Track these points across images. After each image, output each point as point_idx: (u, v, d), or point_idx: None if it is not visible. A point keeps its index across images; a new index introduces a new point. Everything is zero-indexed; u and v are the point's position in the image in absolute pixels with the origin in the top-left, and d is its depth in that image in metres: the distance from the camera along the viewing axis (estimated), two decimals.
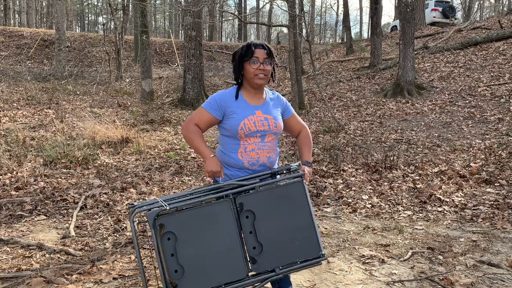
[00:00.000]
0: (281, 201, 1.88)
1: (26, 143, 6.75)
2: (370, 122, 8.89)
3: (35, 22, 35.73)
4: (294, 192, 1.91)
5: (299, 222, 1.89)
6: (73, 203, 4.51)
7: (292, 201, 1.90)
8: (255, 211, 1.85)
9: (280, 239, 1.86)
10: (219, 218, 1.82)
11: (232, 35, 52.39)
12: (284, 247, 1.86)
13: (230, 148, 2.09)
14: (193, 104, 11.59)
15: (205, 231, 1.80)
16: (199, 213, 1.81)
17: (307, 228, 1.89)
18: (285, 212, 1.88)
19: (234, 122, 2.04)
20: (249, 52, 2.05)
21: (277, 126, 2.12)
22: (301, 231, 1.88)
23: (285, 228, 1.87)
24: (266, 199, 1.87)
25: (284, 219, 1.88)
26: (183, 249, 1.77)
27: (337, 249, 3.41)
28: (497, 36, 13.09)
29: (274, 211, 1.87)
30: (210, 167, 2.01)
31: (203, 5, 11.51)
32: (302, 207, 1.91)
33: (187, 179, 5.50)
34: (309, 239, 1.89)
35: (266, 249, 1.84)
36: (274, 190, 1.90)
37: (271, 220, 1.86)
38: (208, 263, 1.78)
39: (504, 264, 3.00)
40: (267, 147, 2.09)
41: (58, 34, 15.39)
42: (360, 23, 39.81)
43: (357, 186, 5.06)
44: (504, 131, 7.04)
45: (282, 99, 2.26)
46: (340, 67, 15.73)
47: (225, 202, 1.85)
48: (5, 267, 3.01)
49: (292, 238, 1.87)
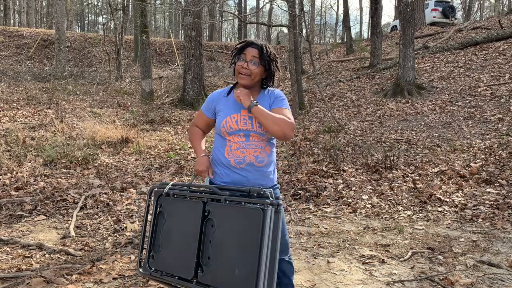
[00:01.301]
0: (240, 224, 1.76)
1: (26, 143, 6.75)
2: (370, 122, 8.89)
3: (35, 22, 35.73)
4: (251, 220, 1.73)
5: (246, 254, 1.71)
6: (73, 203, 4.51)
7: (247, 228, 1.73)
8: (216, 223, 1.82)
9: (226, 261, 1.76)
10: (191, 216, 1.90)
11: (232, 35, 52.39)
12: (226, 268, 1.75)
13: (219, 146, 2.10)
14: (193, 104, 11.59)
15: (180, 223, 1.94)
16: (181, 205, 1.97)
17: (249, 265, 1.69)
18: (240, 236, 1.75)
19: (219, 120, 2.07)
20: (240, 49, 2.04)
21: (261, 126, 1.99)
22: (244, 264, 1.71)
23: (234, 253, 1.75)
24: (229, 215, 1.79)
25: (237, 243, 1.75)
26: (165, 231, 1.99)
27: (337, 249, 3.41)
28: (497, 36, 13.09)
29: (232, 231, 1.77)
30: (196, 166, 2.11)
31: (203, 5, 11.51)
32: (252, 240, 1.70)
33: (187, 179, 5.50)
34: (246, 277, 1.68)
35: (213, 264, 1.79)
36: (238, 209, 1.79)
37: (227, 238, 1.78)
38: (173, 252, 1.94)
39: (504, 264, 3.00)
40: (253, 146, 2.03)
41: (58, 34, 15.39)
42: (360, 23, 39.85)
43: (357, 186, 5.06)
44: (504, 131, 7.04)
45: (273, 94, 2.11)
46: (340, 67, 15.73)
47: (197, 203, 1.90)
48: (5, 267, 3.01)
49: (236, 265, 1.73)
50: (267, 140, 2.07)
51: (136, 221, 4.07)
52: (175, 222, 1.96)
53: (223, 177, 2.07)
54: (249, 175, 2.03)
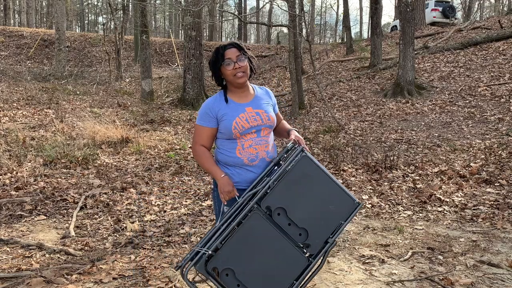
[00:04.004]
0: (299, 182, 1.93)
1: (26, 143, 6.75)
2: (370, 122, 8.89)
3: (35, 22, 35.72)
4: (304, 168, 1.94)
5: (324, 190, 1.95)
6: (73, 203, 4.51)
7: (307, 176, 1.94)
8: (283, 205, 1.90)
9: (317, 214, 1.93)
10: (257, 229, 1.87)
11: (232, 35, 52.39)
12: (324, 218, 1.93)
13: (228, 148, 2.10)
14: (193, 104, 11.59)
15: (253, 247, 1.86)
16: (239, 238, 1.85)
17: (333, 190, 1.96)
18: (307, 189, 1.93)
19: (227, 124, 2.05)
20: (220, 56, 2.05)
21: (270, 119, 2.12)
22: (329, 196, 1.95)
23: (316, 202, 1.93)
24: (285, 189, 1.92)
25: (311, 195, 1.93)
26: (244, 275, 1.83)
27: (337, 249, 3.41)
28: (497, 36, 13.08)
29: (299, 194, 1.92)
30: (223, 188, 2.03)
31: (203, 5, 11.51)
32: (318, 176, 1.95)
33: (187, 179, 5.50)
34: (340, 198, 1.96)
35: (311, 230, 1.91)
36: (287, 177, 1.93)
37: (300, 203, 1.92)
38: (271, 272, 1.86)
39: (504, 264, 3.00)
40: (264, 142, 2.10)
41: (58, 34, 15.39)
42: (360, 23, 39.80)
43: (357, 186, 5.06)
44: (504, 131, 7.04)
45: (271, 94, 2.27)
46: (340, 67, 15.72)
47: (254, 214, 1.88)
48: (5, 267, 3.01)
49: (326, 207, 1.94)
50: (272, 131, 2.20)
51: (136, 221, 4.08)
52: (248, 256, 1.85)
53: (234, 177, 2.09)
54: (259, 171, 2.10)
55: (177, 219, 4.13)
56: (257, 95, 2.17)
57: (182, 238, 3.67)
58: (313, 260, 1.91)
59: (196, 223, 4.03)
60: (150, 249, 3.40)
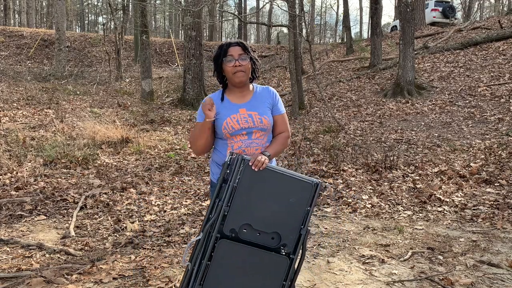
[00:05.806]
0: (251, 190, 1.87)
1: (26, 143, 6.75)
2: (370, 122, 8.89)
3: (35, 22, 35.71)
4: (250, 175, 1.87)
5: (278, 186, 1.89)
6: (73, 203, 4.51)
7: (257, 181, 1.87)
8: (245, 222, 1.86)
9: (281, 213, 1.89)
10: (229, 255, 1.86)
11: (232, 35, 52.38)
12: (289, 212, 1.90)
13: (220, 148, 2.11)
14: (193, 104, 11.58)
15: (232, 272, 1.87)
16: (215, 271, 1.85)
17: (287, 183, 1.89)
18: (262, 193, 1.87)
19: (218, 123, 2.05)
20: (223, 52, 2.05)
21: (262, 121, 2.06)
22: (286, 190, 1.89)
23: (276, 201, 1.88)
24: (241, 205, 1.86)
25: (268, 198, 1.88)
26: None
27: (337, 249, 3.41)
28: (497, 36, 13.08)
29: (256, 202, 1.87)
30: (202, 106, 2.01)
31: (203, 5, 11.52)
32: (268, 175, 1.89)
33: (187, 179, 5.50)
34: (297, 186, 1.90)
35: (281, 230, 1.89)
36: (239, 192, 1.86)
37: (262, 210, 1.87)
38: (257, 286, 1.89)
39: (504, 264, 3.00)
40: (255, 144, 2.07)
41: (58, 34, 15.40)
42: (360, 23, 39.81)
43: (357, 186, 5.06)
44: (504, 131, 7.04)
45: (273, 94, 2.18)
46: (340, 67, 15.73)
47: (220, 243, 1.85)
48: (5, 267, 3.01)
49: (287, 201, 1.89)
50: (268, 134, 2.12)
51: (136, 221, 4.08)
52: None
53: None
54: None
55: (177, 219, 4.13)
56: (256, 96, 2.14)
57: (182, 238, 3.66)
58: (294, 256, 1.90)
59: (196, 223, 4.03)
60: (150, 249, 3.40)
